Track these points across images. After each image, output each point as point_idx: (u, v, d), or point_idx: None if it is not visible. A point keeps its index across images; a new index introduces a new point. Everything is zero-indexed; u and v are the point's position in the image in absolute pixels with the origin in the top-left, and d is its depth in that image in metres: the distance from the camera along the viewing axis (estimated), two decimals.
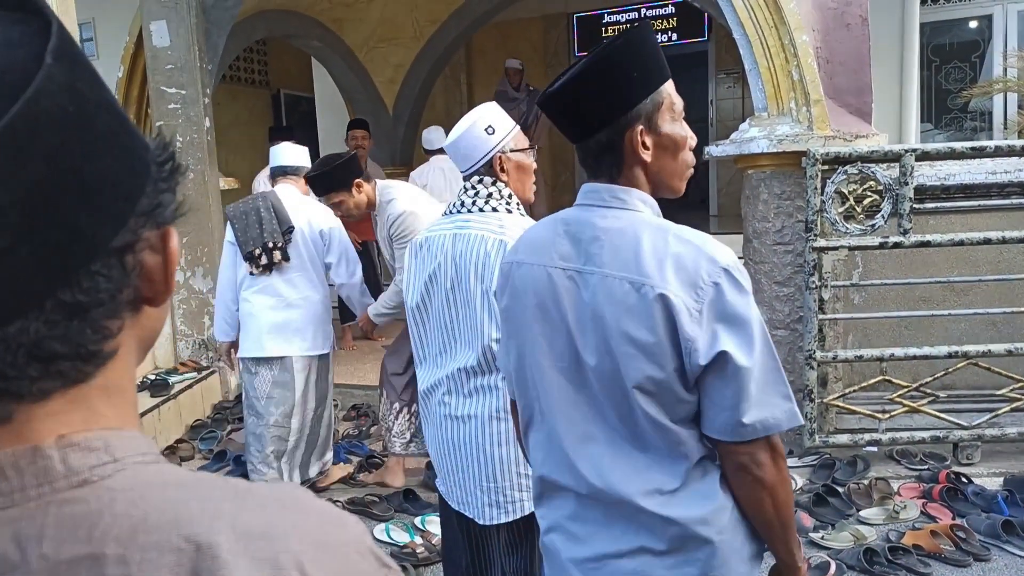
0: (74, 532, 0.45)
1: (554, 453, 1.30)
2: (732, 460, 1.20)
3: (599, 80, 1.20)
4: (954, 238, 3.53)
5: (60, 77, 0.45)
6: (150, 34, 4.93)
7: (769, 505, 1.21)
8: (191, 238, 5.06)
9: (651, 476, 1.21)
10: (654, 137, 1.23)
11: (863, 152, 3.50)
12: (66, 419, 0.48)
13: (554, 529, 1.35)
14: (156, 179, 0.52)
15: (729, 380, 1.15)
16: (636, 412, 1.19)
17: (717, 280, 1.16)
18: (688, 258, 1.17)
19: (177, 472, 0.51)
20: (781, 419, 1.18)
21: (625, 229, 1.22)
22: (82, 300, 0.47)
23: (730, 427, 1.17)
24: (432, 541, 3.13)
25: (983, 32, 6.94)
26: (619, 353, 1.18)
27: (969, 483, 3.39)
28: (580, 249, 1.25)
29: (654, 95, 1.23)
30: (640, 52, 1.22)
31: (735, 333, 1.15)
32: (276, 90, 10.12)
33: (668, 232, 1.21)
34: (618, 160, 1.24)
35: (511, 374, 1.40)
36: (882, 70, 5.74)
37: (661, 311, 1.15)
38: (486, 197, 1.88)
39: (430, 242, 1.92)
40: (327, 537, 0.49)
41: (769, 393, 1.17)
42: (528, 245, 1.35)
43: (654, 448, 1.21)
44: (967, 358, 3.59)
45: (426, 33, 7.89)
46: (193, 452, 4.36)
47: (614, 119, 1.21)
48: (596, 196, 1.27)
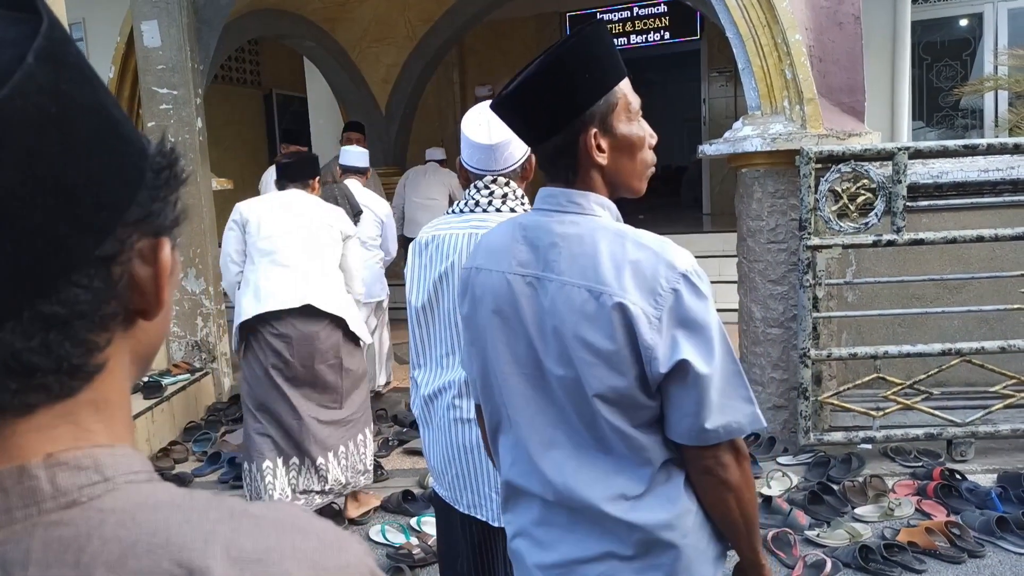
0: (61, 556, 0.43)
1: (520, 459, 1.29)
2: (697, 463, 1.21)
3: (550, 83, 1.18)
4: (947, 236, 3.55)
5: (42, 78, 0.43)
6: (141, 34, 4.91)
7: (734, 506, 1.22)
8: (183, 239, 5.03)
9: (615, 481, 1.21)
10: (609, 139, 1.21)
11: (856, 150, 3.50)
12: (53, 435, 0.46)
13: (520, 535, 1.34)
14: (150, 187, 0.50)
15: (690, 387, 1.14)
16: (598, 418, 1.19)
17: (676, 286, 1.14)
18: (646, 264, 1.15)
19: (171, 491, 0.49)
20: (744, 423, 1.18)
21: (583, 235, 1.21)
22: (60, 311, 0.45)
23: (693, 433, 1.16)
24: (428, 542, 3.13)
25: (974, 30, 6.97)
26: (579, 361, 1.17)
27: (963, 480, 3.40)
28: (538, 255, 1.24)
29: (608, 96, 1.20)
30: (592, 53, 1.19)
31: (695, 340, 1.14)
32: (268, 90, 10.10)
33: (626, 238, 1.19)
34: (574, 163, 1.22)
35: (475, 380, 1.39)
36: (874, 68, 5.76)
37: (619, 319, 1.14)
38: (502, 197, 1.83)
39: (439, 240, 1.87)
40: (326, 560, 0.47)
41: (731, 397, 1.17)
42: (487, 251, 1.34)
43: (618, 453, 1.21)
44: (960, 355, 3.61)
45: (418, 33, 7.88)
46: (187, 454, 4.35)
47: (567, 122, 1.19)
48: (553, 201, 1.25)
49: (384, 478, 3.91)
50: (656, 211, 10.01)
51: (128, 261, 0.48)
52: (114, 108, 0.48)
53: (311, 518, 0.50)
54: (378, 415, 4.73)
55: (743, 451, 1.22)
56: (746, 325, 3.99)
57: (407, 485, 3.73)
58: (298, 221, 3.28)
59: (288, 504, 0.51)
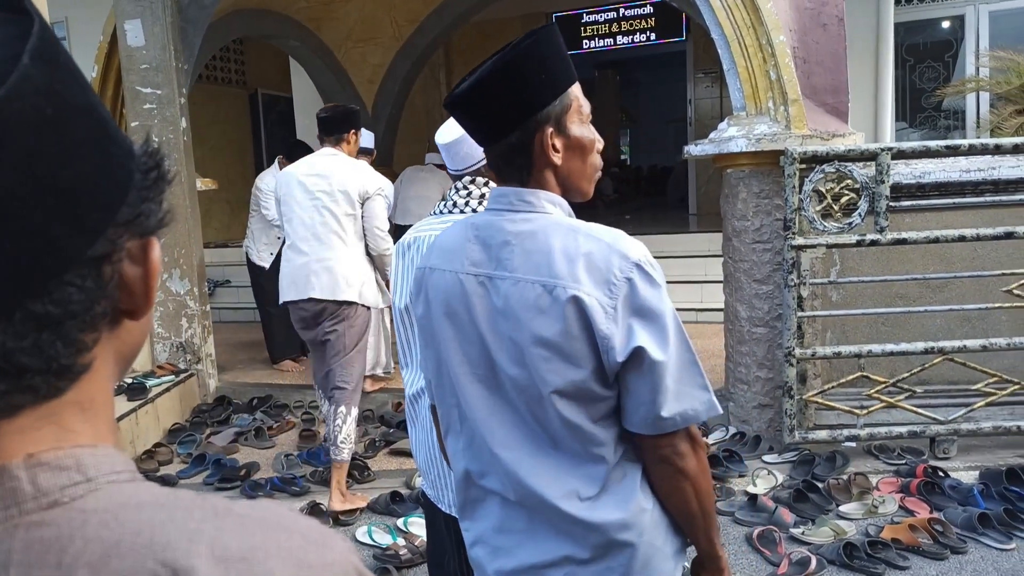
0: (43, 557, 0.43)
1: (477, 460, 1.29)
2: (654, 453, 1.21)
3: (510, 81, 1.19)
4: (929, 235, 3.58)
5: (37, 78, 0.43)
6: (124, 33, 4.87)
7: (692, 495, 1.22)
8: (168, 240, 5.00)
9: (570, 481, 1.21)
10: (563, 139, 1.23)
11: (840, 151, 3.53)
12: (36, 436, 0.46)
13: (479, 542, 1.34)
14: (139, 187, 0.50)
15: (646, 375, 1.15)
16: (552, 417, 1.19)
17: (629, 275, 1.15)
18: (599, 256, 1.16)
19: (154, 490, 0.48)
20: (700, 410, 1.19)
21: (536, 232, 1.21)
22: (53, 311, 0.45)
23: (649, 421, 1.17)
24: (415, 543, 3.12)
25: (956, 32, 7.04)
26: (534, 358, 1.17)
27: (946, 477, 3.43)
28: (491, 254, 1.25)
29: (562, 97, 1.22)
30: (547, 54, 1.21)
31: (649, 328, 1.15)
32: (254, 90, 10.04)
33: (578, 231, 1.20)
34: (528, 162, 1.23)
35: (430, 381, 1.39)
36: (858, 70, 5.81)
37: (574, 312, 1.15)
38: (479, 197, 1.85)
39: (419, 242, 1.89)
40: (310, 558, 0.47)
41: (686, 384, 1.18)
42: (440, 251, 1.34)
43: (573, 452, 1.21)
44: (943, 354, 3.64)
45: (405, 33, 7.87)
46: (172, 456, 4.32)
47: (524, 120, 1.20)
48: (504, 200, 1.26)
49: (371, 479, 3.90)
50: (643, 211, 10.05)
51: (119, 261, 0.48)
52: (102, 109, 0.49)
53: (296, 517, 0.50)
54: (364, 416, 4.72)
55: (699, 439, 1.22)
56: (732, 324, 4.02)
57: (394, 486, 3.72)
58: (314, 204, 3.60)
59: (273, 503, 0.51)
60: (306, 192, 3.60)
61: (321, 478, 3.88)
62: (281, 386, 5.27)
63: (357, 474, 3.90)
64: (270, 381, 5.40)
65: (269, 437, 4.53)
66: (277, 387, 5.26)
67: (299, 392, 5.14)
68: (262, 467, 4.12)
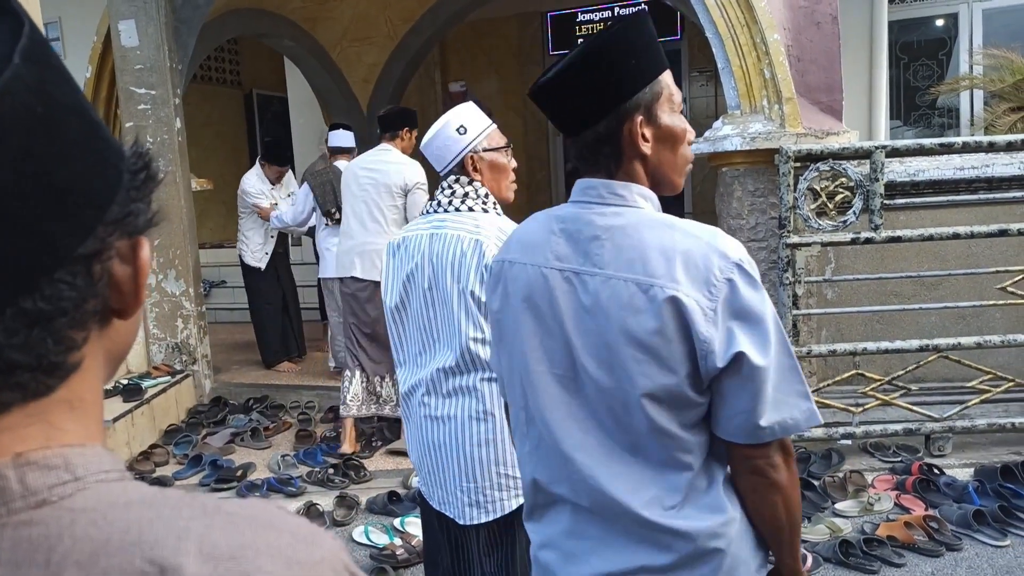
0: (31, 556, 0.43)
1: (549, 463, 1.23)
2: (745, 463, 1.14)
3: (597, 68, 1.14)
4: (924, 233, 3.59)
5: (29, 78, 0.43)
6: (118, 33, 4.85)
7: (781, 508, 1.16)
8: (163, 240, 4.99)
9: (651, 488, 1.15)
10: (653, 129, 1.17)
11: (835, 149, 3.54)
12: (24, 434, 0.46)
13: (548, 546, 1.27)
14: (128, 187, 0.50)
15: (746, 382, 1.08)
16: (638, 422, 1.12)
17: (730, 276, 1.09)
18: (698, 254, 1.10)
19: (143, 489, 0.48)
20: (800, 419, 1.12)
21: (628, 227, 1.15)
22: (44, 308, 0.45)
23: (746, 430, 1.10)
24: (412, 543, 3.12)
25: (949, 30, 7.05)
26: (625, 360, 1.11)
27: (941, 474, 3.45)
28: (578, 249, 1.18)
29: (653, 85, 1.17)
30: (637, 40, 1.16)
31: (750, 331, 1.09)
32: (249, 90, 10.02)
33: (674, 228, 1.14)
34: (616, 153, 1.17)
35: (501, 378, 1.34)
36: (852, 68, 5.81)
37: (672, 314, 1.08)
38: (462, 197, 1.88)
39: (407, 242, 1.92)
40: (300, 555, 0.47)
41: (786, 392, 1.11)
42: (520, 244, 1.27)
43: (654, 460, 1.15)
44: (938, 351, 3.65)
45: (399, 32, 7.85)
46: (168, 457, 4.31)
47: (613, 109, 1.14)
48: (593, 193, 1.19)
49: (367, 479, 3.90)
50: None
51: (108, 260, 0.49)
52: (92, 111, 0.49)
53: (285, 515, 0.50)
54: None
55: (791, 450, 1.16)
56: None
57: (391, 486, 3.72)
58: (363, 195, 4.15)
59: (262, 502, 0.51)
60: (358, 184, 4.16)
61: (317, 478, 3.88)
62: (277, 386, 5.26)
63: (353, 474, 3.90)
64: (266, 382, 5.39)
65: (265, 438, 4.52)
66: (273, 388, 5.25)
67: (295, 392, 5.13)
68: (258, 468, 4.12)
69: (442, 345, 1.86)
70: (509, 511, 1.86)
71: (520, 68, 9.45)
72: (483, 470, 1.83)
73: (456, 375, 1.84)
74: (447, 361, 1.84)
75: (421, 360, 1.91)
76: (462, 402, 1.84)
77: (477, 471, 1.84)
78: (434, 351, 1.88)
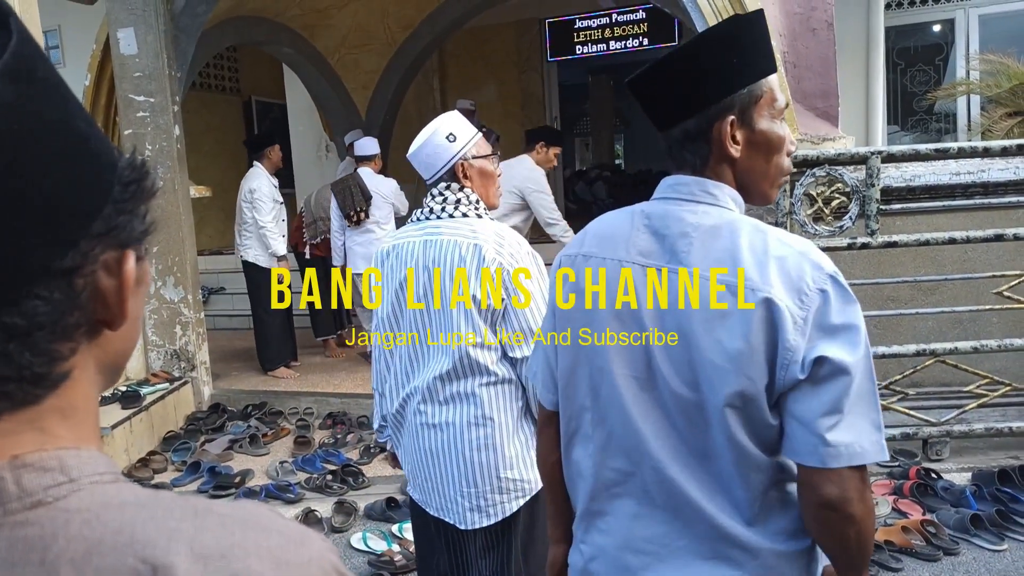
0: (27, 556, 0.44)
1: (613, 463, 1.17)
2: (816, 493, 1.06)
3: (694, 62, 1.10)
4: (920, 238, 3.60)
5: (7, 96, 0.43)
6: (117, 41, 4.88)
7: (854, 540, 1.08)
8: (162, 247, 5.00)
9: (724, 496, 1.10)
10: (746, 132, 1.12)
11: (831, 155, 3.55)
12: (19, 440, 0.47)
13: (598, 558, 1.21)
14: (117, 200, 0.50)
15: (821, 393, 1.03)
16: (712, 427, 1.08)
17: (823, 287, 1.04)
18: (791, 262, 1.06)
19: (136, 491, 0.49)
20: (868, 449, 1.04)
21: (719, 226, 1.10)
22: (19, 323, 0.45)
23: (814, 447, 1.03)
24: (409, 549, 3.12)
25: (946, 36, 7.08)
26: (705, 363, 1.06)
27: (938, 479, 3.45)
28: (665, 245, 1.13)
29: (753, 87, 1.11)
30: (744, 38, 1.12)
31: (839, 343, 1.03)
32: (248, 97, 10.05)
33: (767, 233, 1.09)
34: (704, 152, 1.13)
35: (560, 377, 1.26)
36: (849, 73, 5.84)
37: (762, 317, 1.03)
38: (455, 203, 1.89)
39: (398, 250, 1.92)
40: (288, 556, 0.47)
41: (860, 416, 1.04)
42: (597, 238, 1.22)
43: (725, 471, 1.09)
44: (935, 356, 3.66)
45: (398, 39, 7.88)
46: (166, 464, 4.31)
47: (705, 106, 1.10)
48: (684, 189, 1.15)
49: (365, 485, 3.90)
50: None
51: (92, 273, 0.49)
52: (82, 122, 0.49)
53: (274, 516, 0.51)
54: (359, 422, 4.73)
55: (868, 480, 1.08)
56: None
57: (390, 492, 3.72)
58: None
59: (252, 503, 0.52)
60: None
61: (315, 485, 3.88)
62: (276, 393, 5.26)
63: (352, 480, 3.90)
64: (264, 388, 5.39)
65: (264, 444, 4.52)
66: (272, 394, 5.25)
67: (294, 399, 5.14)
68: (257, 474, 4.12)
69: (437, 352, 1.86)
70: (510, 514, 1.86)
71: (519, 75, 9.47)
72: (483, 475, 1.84)
73: (453, 381, 1.84)
74: (443, 368, 1.84)
75: (413, 368, 1.92)
76: (460, 408, 1.84)
77: (477, 476, 1.84)
78: (428, 359, 1.88)
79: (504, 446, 1.84)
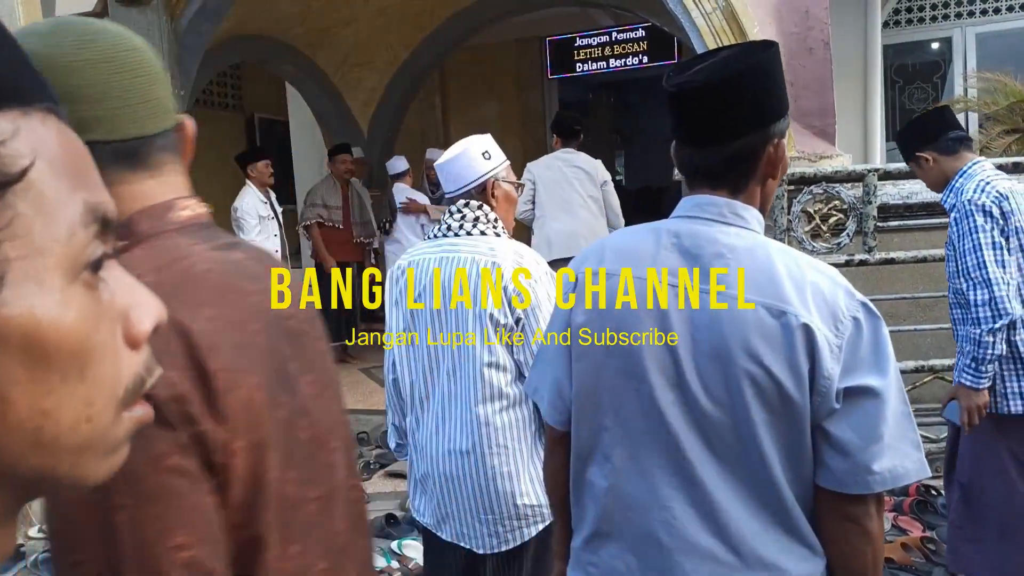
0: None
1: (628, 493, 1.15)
2: (840, 511, 1.07)
3: (760, 82, 1.10)
4: (917, 255, 3.62)
5: None
6: None
7: (870, 559, 1.10)
8: None
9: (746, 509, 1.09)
10: (782, 155, 1.14)
11: (828, 172, 3.58)
12: None
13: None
14: None
15: (861, 424, 1.03)
16: (747, 449, 1.07)
17: (856, 315, 1.05)
18: (826, 288, 1.06)
19: None
20: (910, 469, 1.05)
21: (754, 249, 1.10)
22: None
23: (855, 475, 1.04)
24: (409, 566, 3.12)
25: (944, 53, 7.13)
26: (740, 386, 1.05)
27: (938, 495, 3.44)
28: (697, 264, 1.12)
29: (787, 114, 1.15)
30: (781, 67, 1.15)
31: (872, 372, 1.04)
32: (250, 114, 10.11)
33: (799, 257, 1.10)
34: (750, 171, 1.13)
35: (576, 396, 1.22)
36: (847, 91, 5.88)
37: (802, 343, 1.03)
38: (473, 220, 1.86)
39: (413, 266, 1.90)
40: None
41: (899, 439, 1.05)
42: (618, 253, 1.19)
43: (756, 497, 1.09)
44: (933, 372, 3.66)
45: (400, 57, 7.95)
46: None
47: (767, 124, 1.11)
48: (714, 210, 1.14)
49: (365, 501, 3.90)
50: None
51: None
52: None
53: None
54: (359, 438, 4.72)
55: (883, 498, 1.11)
56: None
57: (389, 508, 3.72)
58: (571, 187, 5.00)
59: None
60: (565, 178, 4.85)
61: None
62: None
63: None
64: None
65: None
66: None
67: None
68: None
69: (454, 373, 1.83)
70: (528, 539, 1.84)
71: (519, 93, 9.54)
72: (503, 502, 1.81)
73: (470, 405, 1.80)
74: (459, 390, 1.81)
75: (427, 389, 1.89)
76: (479, 433, 1.80)
77: (495, 503, 1.81)
78: (444, 380, 1.85)
79: (520, 472, 1.81)
